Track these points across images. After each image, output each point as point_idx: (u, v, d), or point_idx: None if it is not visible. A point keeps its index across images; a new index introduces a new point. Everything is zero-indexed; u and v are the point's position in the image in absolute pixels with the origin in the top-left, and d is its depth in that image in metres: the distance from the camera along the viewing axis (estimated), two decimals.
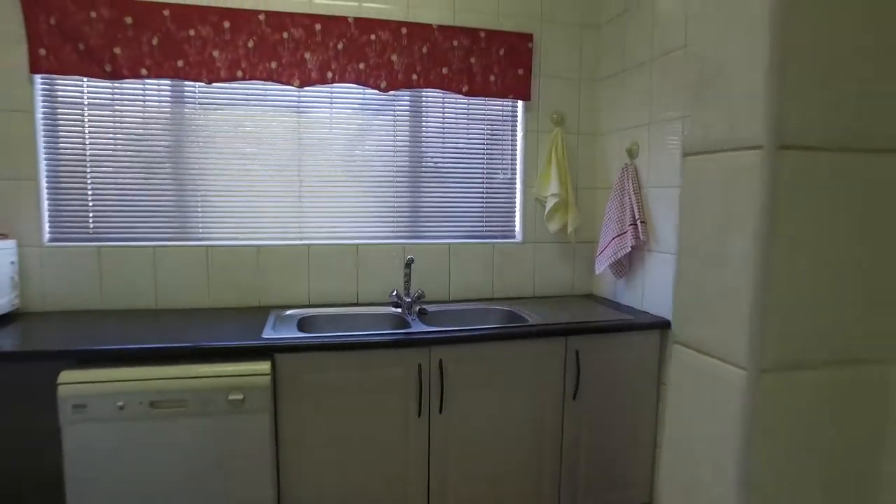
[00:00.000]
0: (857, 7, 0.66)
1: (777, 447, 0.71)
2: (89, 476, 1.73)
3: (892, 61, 0.68)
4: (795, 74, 0.65)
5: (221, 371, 1.81)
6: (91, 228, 2.32)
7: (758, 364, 0.69)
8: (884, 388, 0.75)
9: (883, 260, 0.71)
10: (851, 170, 0.68)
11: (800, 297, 0.69)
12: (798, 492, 0.73)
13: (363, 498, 2.00)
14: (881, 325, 0.73)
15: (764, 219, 0.66)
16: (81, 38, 2.16)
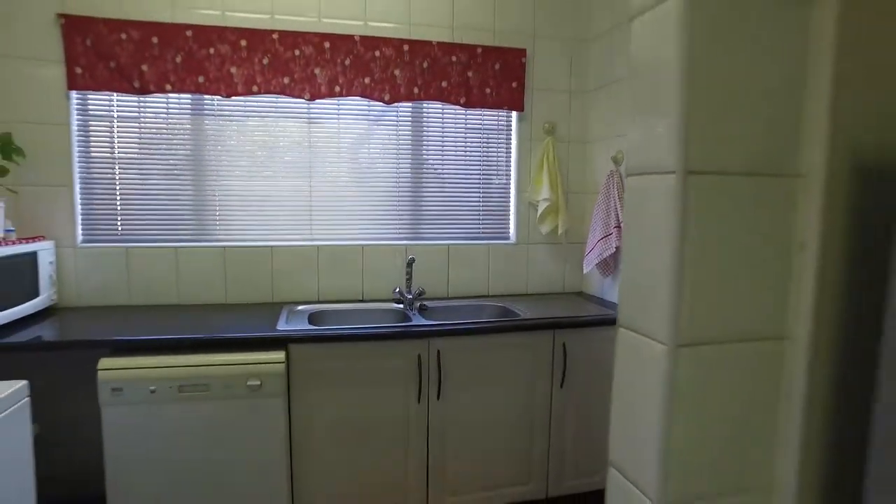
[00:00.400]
0: (740, 70, 0.86)
1: (691, 405, 0.91)
2: (125, 450, 1.94)
3: (763, 108, 0.88)
4: (697, 118, 0.85)
5: (241, 359, 2.02)
6: (119, 230, 2.53)
7: (675, 341, 0.88)
8: (779, 359, 0.95)
9: (766, 258, 0.91)
10: (740, 188, 0.88)
11: (705, 288, 0.89)
12: (708, 441, 0.93)
13: (368, 474, 2.20)
14: (772, 309, 0.93)
15: (677, 227, 0.86)
16: (113, 57, 2.37)
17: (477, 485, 2.34)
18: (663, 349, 0.90)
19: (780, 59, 0.88)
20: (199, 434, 1.99)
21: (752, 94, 0.88)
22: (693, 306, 0.89)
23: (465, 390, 2.28)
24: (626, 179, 1.00)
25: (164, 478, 1.98)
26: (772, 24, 0.87)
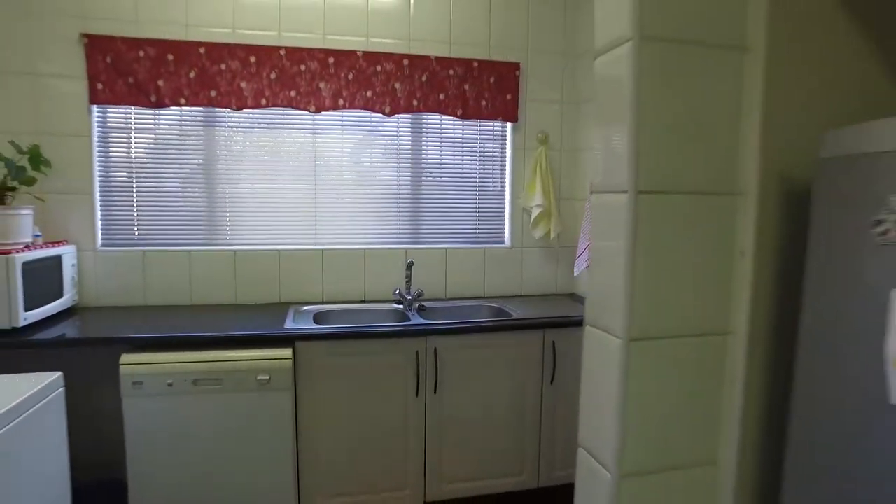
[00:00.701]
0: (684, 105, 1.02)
1: (643, 391, 1.06)
2: (144, 439, 2.10)
3: (704, 137, 1.03)
4: (646, 146, 1.00)
5: (251, 356, 2.18)
6: (136, 235, 2.69)
7: (628, 335, 1.04)
8: (723, 350, 1.10)
9: (711, 265, 1.07)
10: (686, 205, 1.04)
11: (656, 291, 1.04)
12: (659, 422, 1.08)
13: (370, 463, 2.36)
14: (717, 308, 1.08)
15: (629, 239, 1.02)
16: (131, 74, 2.54)
17: (472, 474, 2.49)
18: (618, 342, 1.05)
19: (718, 96, 1.04)
20: (213, 424, 2.15)
21: (694, 125, 1.03)
22: (644, 306, 1.04)
23: (461, 385, 2.43)
24: (591, 197, 1.15)
25: (180, 464, 2.13)
26: (711, 68, 1.03)
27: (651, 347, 1.05)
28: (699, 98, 1.02)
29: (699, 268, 1.07)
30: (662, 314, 1.05)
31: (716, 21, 1.01)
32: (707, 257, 1.07)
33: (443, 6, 2.87)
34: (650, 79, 0.99)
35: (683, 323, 1.07)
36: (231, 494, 2.19)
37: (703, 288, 1.07)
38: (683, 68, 1.01)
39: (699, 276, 1.07)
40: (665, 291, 1.05)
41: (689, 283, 1.06)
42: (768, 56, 1.02)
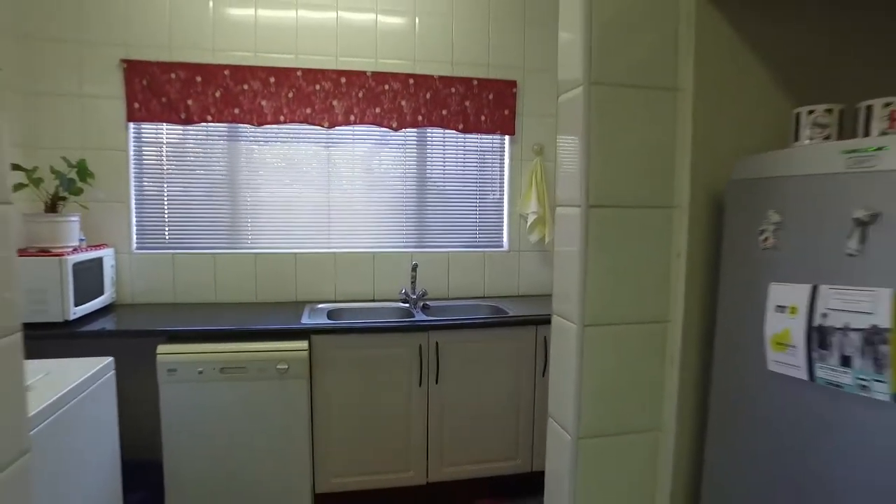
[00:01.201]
0: (627, 135, 1.26)
1: (596, 367, 1.30)
2: (178, 420, 2.36)
3: (645, 160, 1.27)
4: (595, 167, 1.25)
5: (271, 347, 2.44)
6: (167, 239, 2.97)
7: (582, 321, 1.28)
8: (663, 335, 1.34)
9: (652, 264, 1.31)
10: (630, 217, 1.28)
11: (601, 287, 1.28)
12: (610, 393, 1.32)
13: (377, 445, 2.61)
14: (658, 300, 1.32)
15: (582, 244, 1.26)
16: (164, 94, 2.82)
17: (470, 458, 2.73)
18: (575, 328, 1.29)
19: (656, 128, 1.28)
20: (238, 408, 2.41)
21: (636, 151, 1.28)
22: (596, 298, 1.28)
23: (460, 377, 2.67)
24: (556, 209, 1.40)
25: (208, 444, 2.40)
26: (649, 105, 1.27)
27: (602, 332, 1.30)
28: (640, 129, 1.27)
29: (642, 267, 1.31)
30: (611, 305, 1.30)
31: (652, 67, 1.26)
32: (649, 258, 1.31)
33: (445, 29, 3.13)
34: (598, 115, 1.23)
35: (629, 312, 1.31)
36: (254, 472, 2.45)
37: (645, 284, 1.31)
38: (626, 106, 1.25)
39: (642, 274, 1.31)
40: (613, 286, 1.29)
41: (634, 279, 1.30)
42: (696, 95, 1.26)
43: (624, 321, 1.31)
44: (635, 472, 1.36)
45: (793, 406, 1.02)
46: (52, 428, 1.49)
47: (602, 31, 1.21)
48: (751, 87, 1.29)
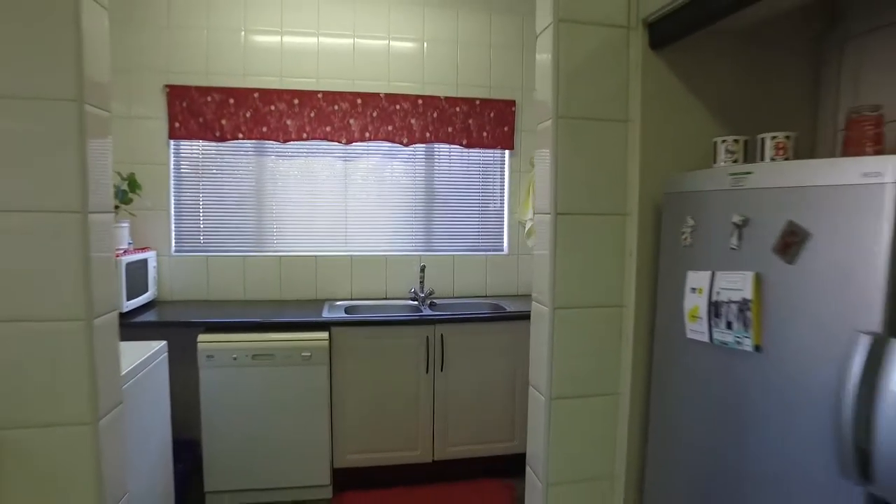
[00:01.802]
0: (588, 158, 1.59)
1: (564, 343, 1.62)
2: (215, 401, 2.71)
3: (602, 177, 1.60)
4: (563, 183, 1.58)
5: (296, 337, 2.78)
6: (202, 243, 3.33)
7: (553, 305, 1.61)
8: (619, 317, 1.66)
9: (609, 260, 1.63)
10: (591, 222, 1.60)
11: (571, 277, 1.61)
12: (576, 364, 1.64)
13: (388, 425, 2.93)
14: (614, 289, 1.65)
15: (552, 244, 1.59)
16: (201, 115, 3.19)
17: (472, 439, 3.05)
18: (547, 310, 1.62)
19: (611, 151, 1.61)
20: (267, 390, 2.75)
21: (595, 169, 1.61)
22: (564, 287, 1.61)
23: (463, 365, 3.00)
24: (535, 216, 1.73)
25: (242, 421, 2.74)
26: (605, 133, 1.60)
27: (569, 314, 1.62)
28: (598, 152, 1.60)
29: (601, 263, 1.63)
30: (576, 293, 1.62)
31: (607, 104, 1.59)
32: (606, 255, 1.64)
33: (450, 54, 3.48)
34: (563, 142, 1.57)
35: (591, 298, 1.64)
36: (280, 448, 2.79)
37: (604, 276, 1.64)
38: (586, 134, 1.58)
39: (601, 268, 1.64)
40: (578, 278, 1.62)
41: (594, 273, 1.63)
42: (642, 125, 1.59)
43: (587, 305, 1.64)
44: (598, 426, 1.68)
45: (701, 363, 1.34)
46: (125, 393, 1.84)
47: (566, 79, 1.54)
48: (686, 118, 1.62)
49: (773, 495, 1.13)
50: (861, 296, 0.94)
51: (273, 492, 2.84)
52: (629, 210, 1.63)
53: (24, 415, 1.34)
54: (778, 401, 1.12)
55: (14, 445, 1.34)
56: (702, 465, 1.36)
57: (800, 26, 1.69)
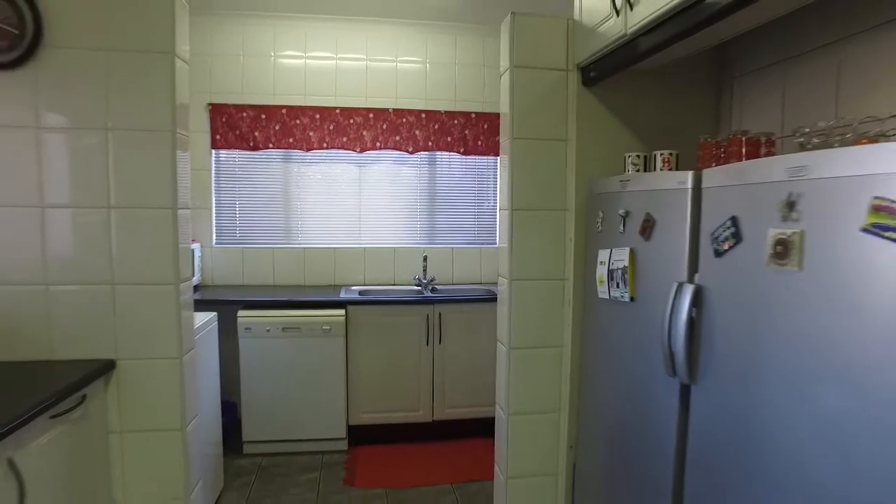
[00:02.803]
0: (536, 167, 2.14)
1: (521, 306, 2.17)
2: (252, 367, 3.29)
3: (547, 181, 2.15)
4: (518, 188, 2.13)
5: (318, 314, 3.35)
6: (238, 236, 3.93)
7: (511, 277, 2.16)
8: (562, 287, 2.21)
9: (555, 245, 2.18)
10: (540, 216, 2.15)
11: (523, 256, 2.16)
12: (530, 322, 2.19)
13: (394, 390, 3.50)
14: (559, 265, 2.19)
15: (509, 232, 2.14)
16: (237, 128, 3.78)
17: (466, 402, 3.60)
18: (507, 281, 2.17)
19: (554, 162, 2.16)
20: (294, 358, 3.33)
21: (542, 175, 2.15)
22: (519, 264, 2.16)
23: (458, 339, 3.55)
24: (499, 212, 2.28)
25: (273, 384, 3.32)
26: (550, 150, 2.15)
27: (524, 284, 2.17)
28: (544, 163, 2.14)
29: (548, 246, 2.18)
30: (528, 268, 2.17)
31: (551, 127, 2.13)
32: (552, 241, 2.18)
33: (449, 74, 4.04)
34: (518, 156, 2.11)
35: (540, 273, 2.18)
36: (304, 407, 3.37)
37: (551, 256, 2.18)
38: (536, 150, 2.13)
39: (548, 250, 2.18)
40: (530, 258, 2.16)
41: (543, 253, 2.17)
42: (577, 143, 2.13)
43: (538, 278, 2.18)
44: (546, 371, 2.22)
45: (606, 314, 1.88)
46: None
47: (520, 109, 2.09)
48: (611, 138, 2.15)
49: (637, 388, 1.67)
50: (678, 259, 1.47)
51: (298, 443, 3.42)
52: (569, 206, 2.17)
53: (137, 350, 1.93)
54: (641, 331, 1.64)
55: (130, 370, 1.93)
56: (607, 385, 1.90)
57: (700, 68, 2.22)
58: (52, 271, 1.90)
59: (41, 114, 1.86)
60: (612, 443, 1.88)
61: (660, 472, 1.55)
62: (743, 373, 1.24)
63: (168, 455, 2.01)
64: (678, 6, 1.44)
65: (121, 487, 1.99)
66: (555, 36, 2.11)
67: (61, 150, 1.88)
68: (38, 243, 1.89)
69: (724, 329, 1.31)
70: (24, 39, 1.76)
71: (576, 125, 2.13)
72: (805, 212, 1.06)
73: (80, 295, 1.91)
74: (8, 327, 1.88)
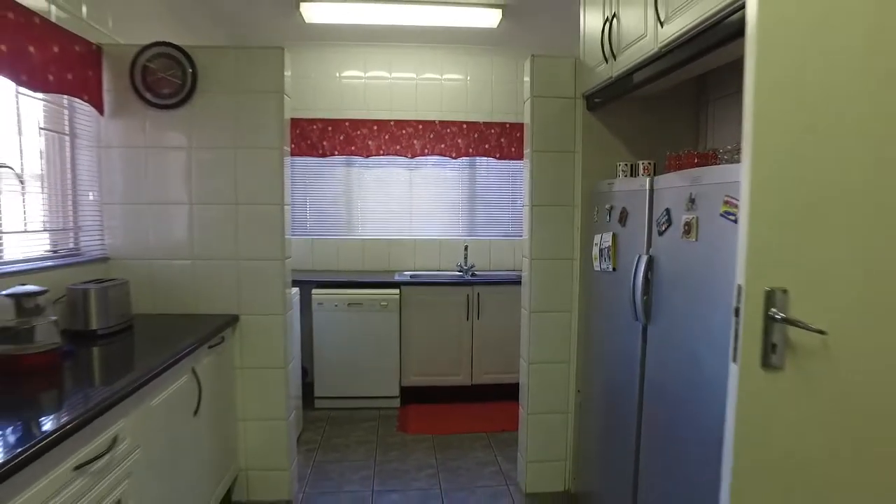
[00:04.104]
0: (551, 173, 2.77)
1: (539, 279, 2.82)
2: (323, 336, 4.03)
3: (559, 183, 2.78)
4: (538, 189, 2.77)
5: (377, 293, 4.06)
6: (308, 228, 4.69)
7: (531, 257, 2.80)
8: (571, 264, 2.84)
9: (566, 232, 2.82)
10: (554, 210, 2.79)
11: (541, 241, 2.80)
12: (548, 291, 2.83)
13: (439, 357, 4.17)
14: (568, 248, 2.83)
15: (530, 223, 2.79)
16: (308, 138, 4.53)
17: (500, 369, 4.24)
18: (528, 260, 2.83)
19: (565, 168, 2.79)
20: (357, 329, 4.05)
21: (556, 178, 2.79)
22: (538, 246, 2.81)
23: (493, 315, 4.20)
24: (523, 207, 2.92)
25: (340, 350, 4.05)
26: (562, 159, 2.79)
27: (542, 263, 2.81)
28: (557, 169, 2.77)
29: (560, 233, 2.81)
30: (544, 251, 2.81)
31: (562, 142, 2.76)
32: (563, 229, 2.81)
33: (486, 90, 4.69)
34: (536, 164, 2.76)
35: (554, 254, 2.82)
36: (365, 369, 4.08)
37: (562, 241, 2.81)
38: (550, 160, 2.76)
39: (560, 236, 2.81)
40: (546, 242, 2.80)
41: (555, 239, 2.81)
42: (583, 154, 2.76)
43: (552, 258, 2.82)
44: (558, 331, 2.86)
45: (599, 282, 2.49)
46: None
47: (538, 130, 2.74)
48: (609, 150, 2.76)
49: (617, 334, 2.28)
50: (640, 238, 2.08)
51: (359, 400, 4.14)
52: (576, 203, 2.80)
53: (253, 308, 2.67)
54: (620, 292, 2.24)
55: (249, 323, 2.67)
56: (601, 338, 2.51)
57: (683, 92, 2.80)
58: (196, 250, 2.66)
59: (192, 138, 2.62)
60: (604, 384, 2.50)
61: (630, 398, 2.17)
62: (674, 314, 1.86)
63: (274, 386, 2.74)
64: (641, 63, 2.06)
65: (241, 407, 2.74)
66: (565, 72, 2.74)
67: (203, 163, 2.64)
68: (185, 230, 2.65)
69: (664, 285, 1.92)
70: (185, 88, 2.52)
71: (581, 140, 2.75)
72: (698, 204, 1.67)
73: (215, 267, 2.67)
74: (169, 290, 2.65)
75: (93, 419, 1.41)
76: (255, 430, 2.76)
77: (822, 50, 1.18)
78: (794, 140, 1.19)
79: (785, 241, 1.18)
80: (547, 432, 2.91)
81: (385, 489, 2.98)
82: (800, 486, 1.23)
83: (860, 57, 1.19)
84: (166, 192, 2.64)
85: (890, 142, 1.20)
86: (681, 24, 1.75)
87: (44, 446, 1.20)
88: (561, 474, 2.93)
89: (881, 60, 1.19)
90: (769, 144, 1.18)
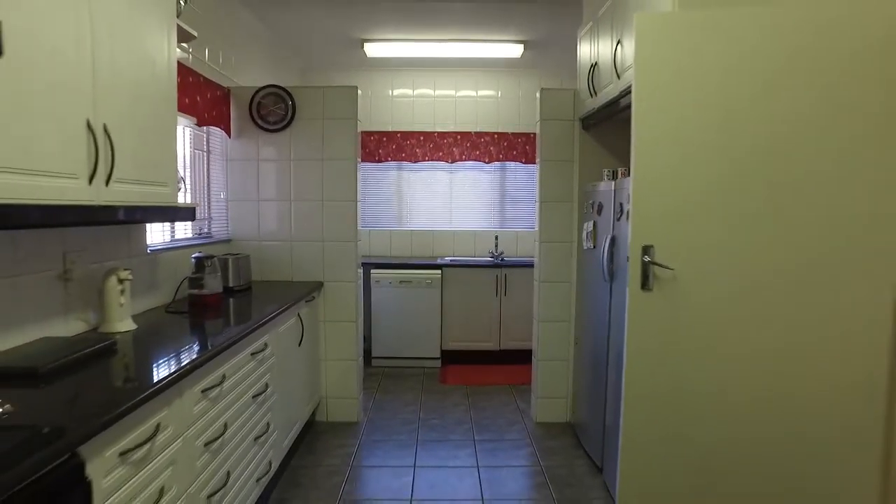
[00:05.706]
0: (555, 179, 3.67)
1: (547, 261, 3.71)
2: (379, 309, 5.01)
3: (560, 186, 3.68)
4: (544, 190, 3.67)
5: (423, 273, 5.02)
6: (366, 221, 5.69)
7: (540, 240, 3.70)
8: (571, 246, 3.73)
9: (566, 223, 3.71)
10: (560, 206, 3.68)
11: (548, 228, 3.70)
12: (553, 265, 3.72)
13: (473, 325, 5.10)
14: (568, 232, 3.72)
15: (540, 214, 3.69)
16: (367, 147, 5.53)
17: (523, 337, 5.11)
18: (538, 243, 3.74)
19: (565, 174, 3.69)
20: (407, 302, 5.01)
21: (558, 182, 3.69)
22: (544, 232, 3.71)
23: (519, 292, 5.09)
24: (535, 203, 3.82)
25: (393, 319, 5.01)
26: (563, 168, 3.69)
27: (548, 245, 3.70)
28: (559, 175, 3.66)
29: (562, 223, 3.70)
30: (551, 235, 3.69)
31: (563, 153, 3.65)
32: (565, 220, 3.70)
33: (514, 104, 5.59)
34: (544, 171, 3.65)
35: (557, 238, 3.70)
36: (413, 334, 5.03)
37: (563, 228, 3.70)
38: (555, 167, 3.65)
39: (563, 225, 3.70)
40: (551, 229, 3.69)
41: (559, 227, 3.69)
42: (580, 163, 3.63)
43: (557, 241, 3.71)
44: (561, 297, 3.74)
45: (585, 258, 3.36)
46: None
47: (546, 144, 3.63)
48: (600, 160, 3.63)
49: (594, 294, 3.14)
50: (608, 223, 2.92)
51: (408, 360, 5.10)
52: (574, 200, 3.68)
53: (334, 276, 3.67)
54: (596, 261, 3.10)
55: (332, 288, 3.68)
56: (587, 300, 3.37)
57: None
58: (293, 234, 3.67)
59: (291, 153, 3.63)
60: (589, 334, 3.37)
61: (601, 342, 3.03)
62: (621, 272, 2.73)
63: (348, 335, 3.73)
64: (608, 102, 2.94)
65: (324, 350, 3.74)
66: (566, 101, 3.63)
67: (299, 171, 3.65)
68: (286, 219, 3.66)
69: (620, 254, 2.79)
70: (287, 117, 3.54)
71: (578, 152, 3.63)
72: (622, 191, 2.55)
73: (306, 247, 3.67)
74: (273, 263, 3.67)
75: (255, 330, 2.40)
76: (333, 368, 3.76)
77: (679, 113, 2.06)
78: (655, 164, 2.07)
79: (653, 220, 2.07)
80: (552, 375, 3.80)
81: (428, 417, 3.93)
82: (665, 359, 2.11)
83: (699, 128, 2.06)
84: (273, 192, 3.66)
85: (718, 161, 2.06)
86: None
87: (236, 338, 2.20)
88: (563, 408, 3.82)
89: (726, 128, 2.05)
90: (643, 166, 2.07)
